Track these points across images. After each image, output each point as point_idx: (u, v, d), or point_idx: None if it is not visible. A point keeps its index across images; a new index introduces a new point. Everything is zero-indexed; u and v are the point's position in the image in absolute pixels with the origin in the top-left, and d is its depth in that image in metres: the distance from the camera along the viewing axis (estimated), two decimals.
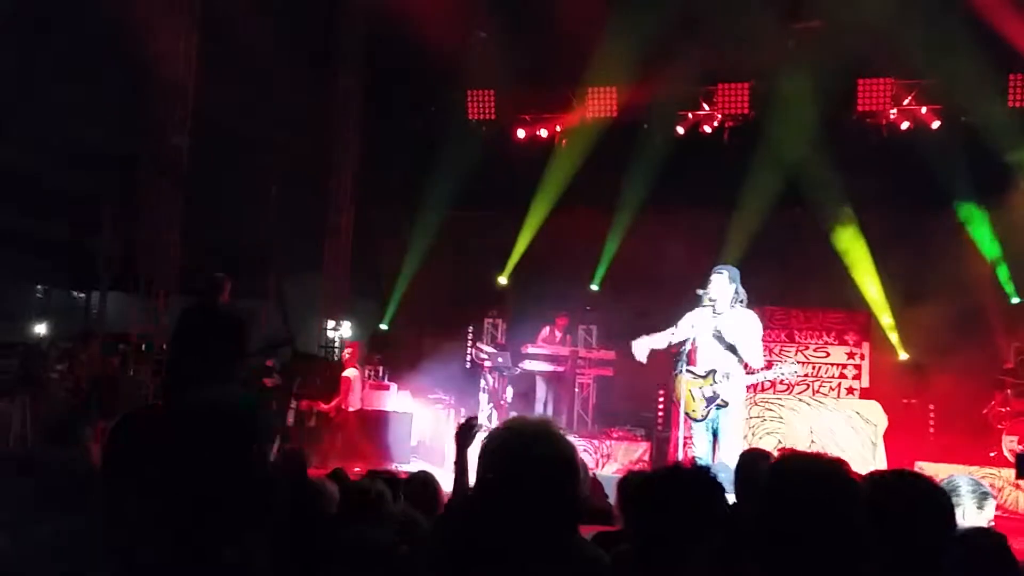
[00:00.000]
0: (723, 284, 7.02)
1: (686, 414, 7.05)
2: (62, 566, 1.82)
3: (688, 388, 6.97)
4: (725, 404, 6.87)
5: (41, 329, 19.53)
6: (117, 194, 13.89)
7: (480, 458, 2.10)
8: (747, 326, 6.95)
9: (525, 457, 2.02)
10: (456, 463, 4.36)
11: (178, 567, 1.72)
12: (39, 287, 20.50)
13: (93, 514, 1.98)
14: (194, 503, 1.74)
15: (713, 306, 6.97)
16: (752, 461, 4.49)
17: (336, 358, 14.67)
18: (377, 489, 3.23)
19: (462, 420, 4.69)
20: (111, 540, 1.78)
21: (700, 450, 6.92)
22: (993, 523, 3.57)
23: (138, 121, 13.20)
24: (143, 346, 12.88)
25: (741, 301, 7.03)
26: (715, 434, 6.95)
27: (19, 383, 11.50)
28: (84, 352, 12.70)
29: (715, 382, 6.88)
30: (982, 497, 3.52)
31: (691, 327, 7.09)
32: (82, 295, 19.29)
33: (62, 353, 13.01)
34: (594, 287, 14.58)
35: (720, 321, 6.95)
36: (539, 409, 12.34)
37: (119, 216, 13.94)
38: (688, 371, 7.00)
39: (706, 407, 6.90)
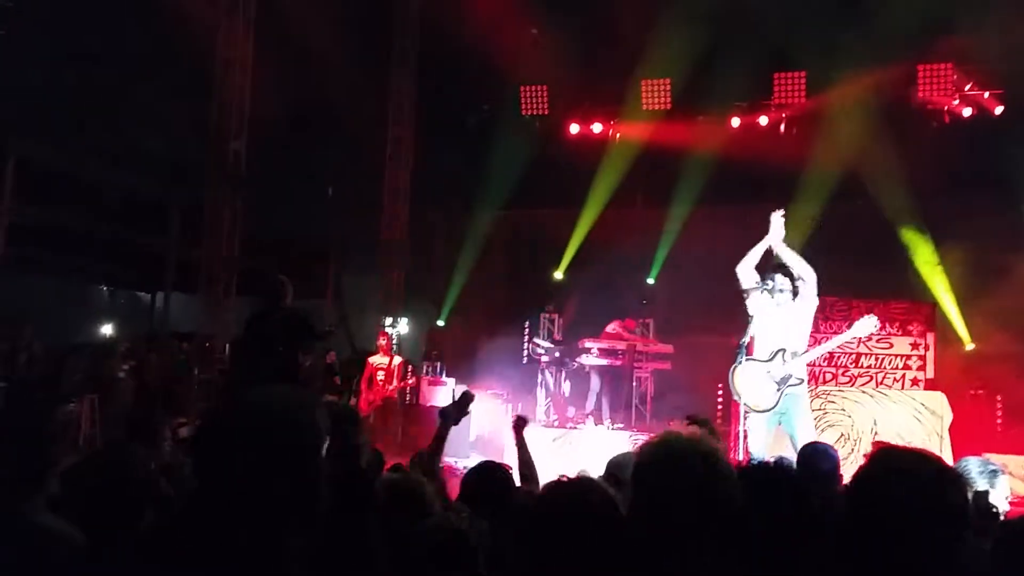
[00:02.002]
0: (787, 282, 6.97)
1: (748, 407, 6.91)
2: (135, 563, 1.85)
3: (752, 377, 6.87)
4: (800, 381, 6.76)
5: (107, 329, 20.00)
6: (180, 198, 14.16)
7: (636, 474, 2.08)
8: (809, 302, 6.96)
9: (687, 478, 2.00)
10: (520, 457, 4.41)
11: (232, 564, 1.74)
12: (104, 288, 20.98)
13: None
14: (249, 502, 1.77)
15: (774, 295, 6.95)
16: (813, 456, 4.42)
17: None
18: (415, 481, 3.24)
19: (517, 415, 4.74)
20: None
21: (756, 445, 6.71)
22: (1009, 497, 3.62)
23: (199, 127, 13.45)
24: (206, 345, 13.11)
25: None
26: (781, 424, 6.81)
27: (87, 383, 11.79)
28: (151, 352, 12.97)
29: (784, 361, 6.79)
30: (992, 475, 3.54)
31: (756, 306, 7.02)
32: (146, 296, 19.72)
33: (128, 352, 13.30)
34: (650, 281, 14.50)
35: (783, 306, 6.92)
36: (591, 401, 12.31)
37: (182, 219, 14.22)
38: (749, 360, 6.90)
39: (777, 391, 6.78)
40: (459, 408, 4.21)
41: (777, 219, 7.17)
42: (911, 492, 1.86)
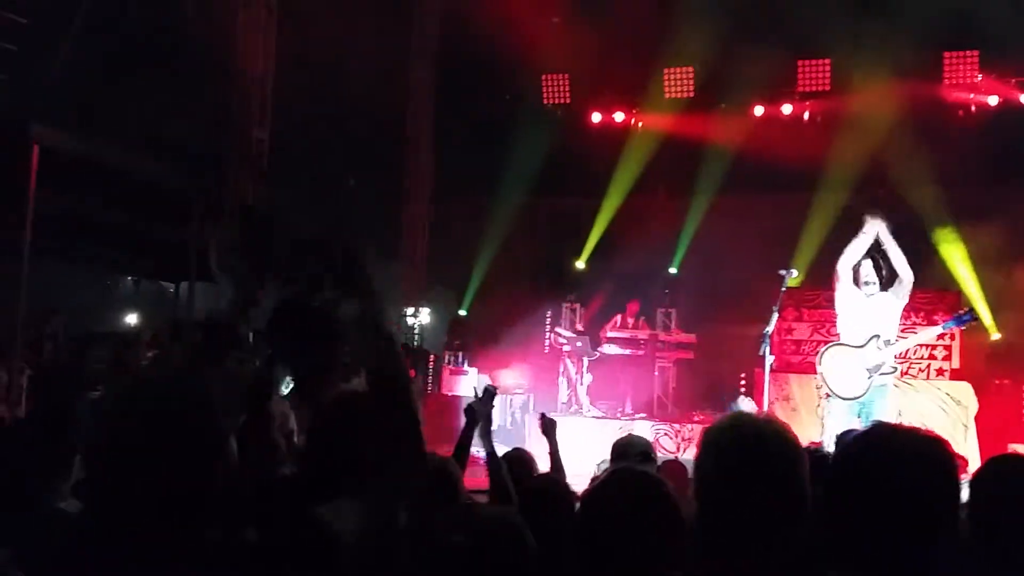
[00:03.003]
0: (871, 268, 6.89)
1: (832, 392, 6.80)
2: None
3: (842, 363, 6.76)
4: (893, 370, 6.68)
5: (132, 319, 20.14)
6: (205, 187, 14.20)
7: (705, 456, 1.98)
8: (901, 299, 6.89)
9: (762, 457, 1.90)
10: (551, 454, 4.41)
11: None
12: (129, 279, 21.12)
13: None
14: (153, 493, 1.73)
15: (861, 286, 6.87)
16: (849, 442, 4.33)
17: (415, 345, 14.81)
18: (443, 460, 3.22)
19: (541, 415, 4.72)
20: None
21: (833, 432, 6.46)
22: None
23: (222, 116, 13.48)
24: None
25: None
26: (860, 416, 6.64)
27: (111, 371, 11.88)
28: (175, 341, 13.02)
29: (879, 348, 6.70)
30: None
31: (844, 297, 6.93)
32: (171, 285, 19.82)
33: (152, 341, 13.38)
34: (673, 270, 14.44)
35: (873, 296, 6.83)
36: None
37: (206, 208, 14.26)
38: (839, 345, 6.85)
39: (868, 378, 6.66)
40: (484, 404, 4.22)
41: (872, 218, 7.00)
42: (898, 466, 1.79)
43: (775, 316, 7.19)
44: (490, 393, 4.26)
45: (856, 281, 6.88)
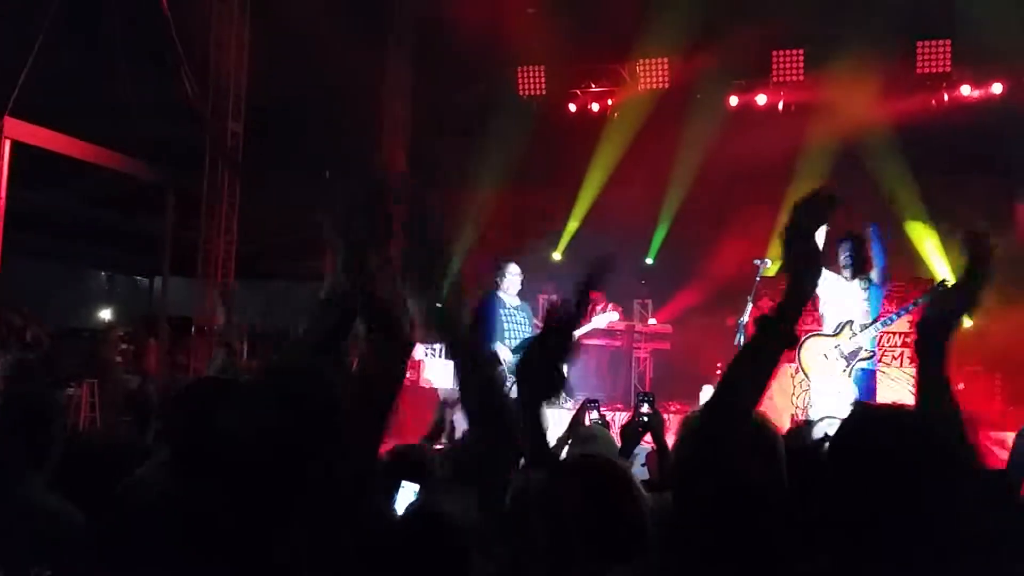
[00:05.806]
0: (848, 252, 6.96)
1: (813, 384, 6.78)
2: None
3: (819, 354, 6.71)
4: (871, 355, 6.67)
5: (106, 314, 19.99)
6: (178, 182, 14.10)
7: (684, 445, 1.99)
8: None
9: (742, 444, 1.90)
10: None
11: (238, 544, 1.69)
12: (103, 274, 20.96)
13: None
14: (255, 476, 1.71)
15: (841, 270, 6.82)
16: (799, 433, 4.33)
17: None
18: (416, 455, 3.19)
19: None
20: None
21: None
22: None
23: (196, 109, 13.38)
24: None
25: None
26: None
27: (86, 367, 11.80)
28: (151, 336, 12.95)
29: (854, 334, 6.69)
30: None
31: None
32: (145, 280, 19.69)
33: (124, 337, 13.29)
34: (649, 260, 14.48)
35: (852, 281, 6.80)
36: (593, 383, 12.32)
37: (180, 203, 14.16)
38: (815, 336, 6.85)
39: (847, 366, 6.66)
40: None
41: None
42: (892, 437, 1.74)
43: (750, 306, 7.23)
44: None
45: (833, 264, 6.85)
